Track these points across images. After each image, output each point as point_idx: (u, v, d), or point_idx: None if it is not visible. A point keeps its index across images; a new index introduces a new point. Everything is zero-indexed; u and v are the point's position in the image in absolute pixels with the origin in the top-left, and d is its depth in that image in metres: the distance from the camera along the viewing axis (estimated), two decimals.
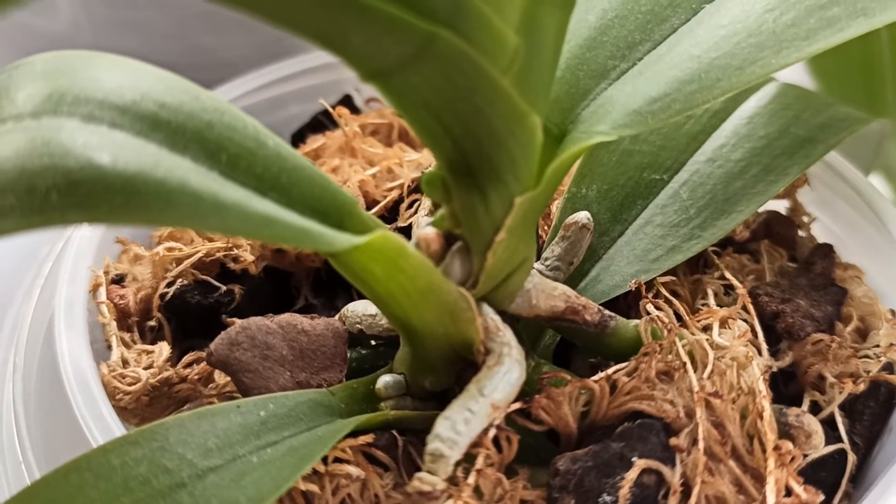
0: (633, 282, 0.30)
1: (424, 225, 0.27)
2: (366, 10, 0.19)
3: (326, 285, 0.34)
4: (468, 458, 0.25)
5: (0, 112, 0.22)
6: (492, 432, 0.25)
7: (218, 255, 0.31)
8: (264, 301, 0.32)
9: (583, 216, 0.30)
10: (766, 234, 0.36)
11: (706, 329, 0.29)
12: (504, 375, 0.25)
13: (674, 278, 0.32)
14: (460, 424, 0.24)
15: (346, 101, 0.42)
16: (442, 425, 0.24)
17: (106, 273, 0.31)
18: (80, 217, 0.20)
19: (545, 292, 0.27)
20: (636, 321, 0.28)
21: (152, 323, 0.31)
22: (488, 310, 0.27)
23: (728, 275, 0.32)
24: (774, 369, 0.29)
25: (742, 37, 0.27)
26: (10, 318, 0.31)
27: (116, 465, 0.24)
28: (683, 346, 0.27)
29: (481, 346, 0.26)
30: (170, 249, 0.31)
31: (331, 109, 0.37)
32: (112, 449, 0.25)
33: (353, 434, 0.26)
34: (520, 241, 0.26)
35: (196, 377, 0.29)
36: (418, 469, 0.27)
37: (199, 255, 0.31)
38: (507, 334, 0.26)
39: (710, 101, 0.26)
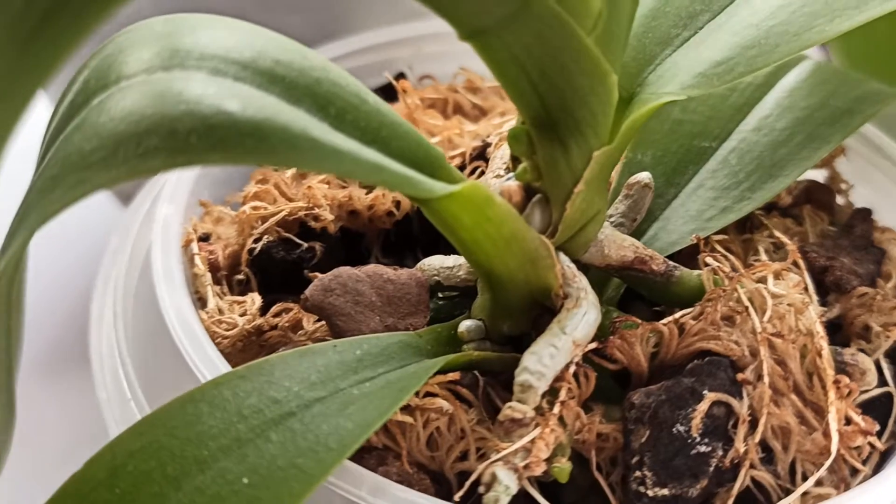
0: (693, 236, 0.32)
1: (504, 179, 0.29)
2: None
3: (394, 247, 0.36)
4: (551, 392, 0.27)
5: (128, 67, 0.24)
6: (572, 368, 0.27)
7: (300, 214, 0.33)
8: (339, 259, 0.34)
9: (645, 176, 0.32)
10: (806, 201, 0.38)
11: (760, 281, 0.31)
12: (583, 316, 0.27)
13: (726, 237, 0.34)
14: (546, 359, 0.26)
15: (400, 79, 0.44)
16: (530, 359, 0.27)
17: (194, 230, 0.33)
18: (218, 158, 0.22)
19: (616, 242, 0.29)
20: (698, 271, 0.30)
21: (240, 277, 0.33)
22: (564, 258, 0.29)
23: (777, 233, 0.34)
24: (824, 319, 0.31)
25: (797, 6, 0.29)
26: (102, 272, 0.33)
27: (229, 396, 0.26)
28: (744, 293, 0.29)
29: (560, 291, 0.28)
30: (255, 208, 0.33)
31: (394, 82, 0.39)
32: (223, 382, 0.27)
33: (441, 372, 0.28)
34: (595, 194, 0.28)
35: (286, 324, 0.31)
36: (497, 408, 0.30)
37: (283, 213, 0.33)
38: (582, 280, 0.28)
39: (770, 64, 0.28)
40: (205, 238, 0.34)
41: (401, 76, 0.44)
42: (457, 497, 0.26)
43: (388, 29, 0.45)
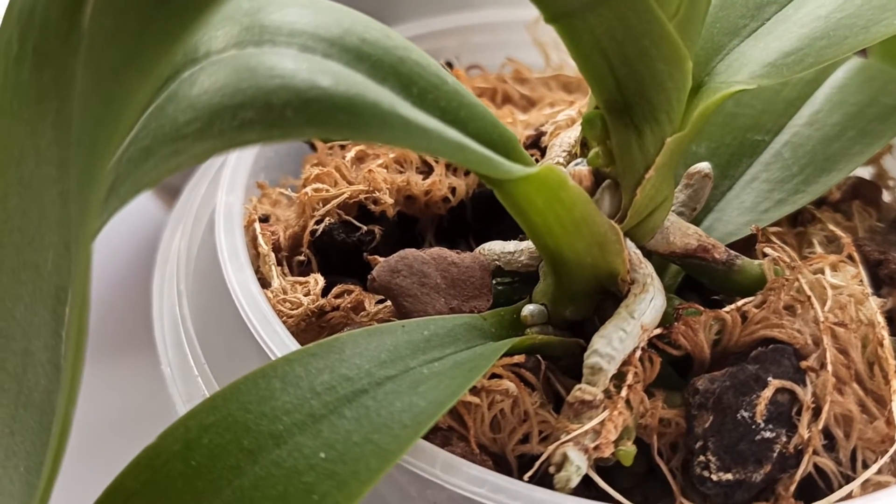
0: (753, 227, 0.32)
1: (572, 165, 0.29)
2: None
3: (447, 233, 0.37)
4: (617, 376, 0.27)
5: (217, 42, 0.25)
6: (638, 353, 0.28)
7: (360, 197, 0.33)
8: (395, 243, 0.34)
9: (705, 166, 0.32)
10: (853, 197, 0.38)
11: (818, 272, 0.31)
12: (651, 301, 0.28)
13: (780, 229, 0.34)
14: (616, 342, 0.27)
15: (447, 68, 0.44)
16: (600, 342, 0.27)
17: (254, 211, 0.33)
18: (313, 132, 0.23)
19: (680, 230, 0.30)
20: (759, 261, 0.31)
21: (300, 258, 0.33)
22: (631, 244, 0.29)
23: (832, 226, 0.34)
24: (883, 310, 0.32)
25: (863, 0, 0.29)
26: (161, 252, 0.34)
27: (301, 373, 0.26)
28: (805, 283, 0.30)
29: (627, 276, 0.28)
30: (317, 190, 0.33)
31: (448, 69, 0.40)
32: (295, 359, 0.27)
33: (506, 355, 0.29)
34: (663, 181, 0.28)
35: (348, 305, 0.31)
36: (557, 392, 0.30)
37: (344, 196, 0.33)
38: (648, 266, 0.29)
39: (840, 56, 0.28)
40: (264, 219, 0.34)
41: (448, 66, 0.44)
42: (525, 477, 0.26)
43: (436, 18, 0.45)
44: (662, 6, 0.25)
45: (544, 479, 0.27)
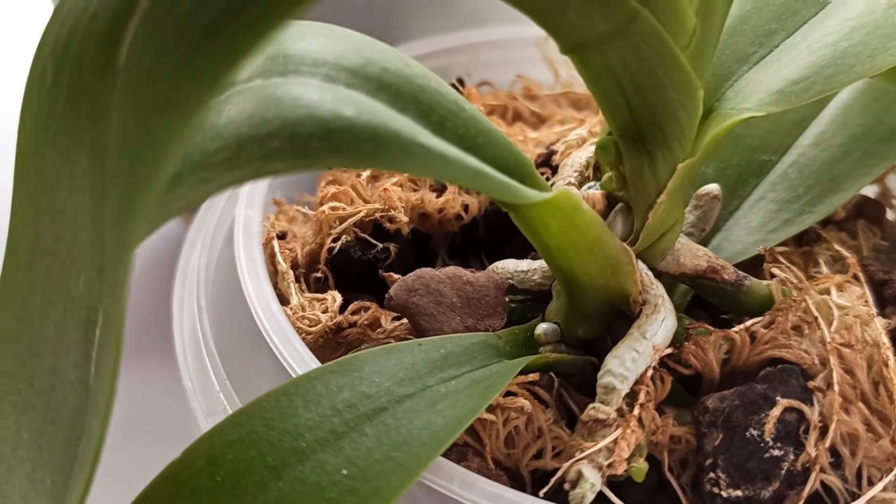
0: (760, 247, 0.33)
1: (586, 187, 0.30)
2: None
3: (460, 250, 0.37)
4: (629, 395, 0.28)
5: (242, 71, 0.25)
6: (650, 372, 0.28)
7: (376, 215, 0.34)
8: (409, 260, 0.35)
9: (714, 188, 0.33)
10: (858, 216, 0.39)
11: (824, 292, 0.32)
12: (662, 322, 0.28)
13: (787, 248, 0.35)
14: (628, 362, 0.27)
15: (458, 85, 0.45)
16: (613, 363, 0.28)
17: (272, 228, 0.34)
18: (338, 161, 0.23)
19: (691, 252, 0.30)
20: (767, 281, 0.31)
21: (317, 275, 0.34)
22: (642, 266, 0.30)
23: (837, 246, 0.35)
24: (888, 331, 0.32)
25: (870, 29, 0.30)
26: (181, 266, 0.34)
27: (322, 391, 0.27)
28: (812, 304, 0.30)
29: (639, 297, 0.29)
30: (333, 209, 0.34)
31: (459, 87, 0.40)
32: (316, 377, 0.27)
33: (520, 373, 0.29)
34: (674, 205, 0.29)
35: (365, 322, 0.32)
36: (569, 409, 0.31)
37: (361, 214, 0.34)
38: (660, 287, 0.29)
39: (846, 84, 0.29)
40: (282, 236, 0.35)
41: (459, 83, 0.45)
42: (541, 493, 0.27)
43: (446, 35, 0.46)
44: (675, 39, 0.25)
45: (558, 495, 0.28)
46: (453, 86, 0.45)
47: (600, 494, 0.28)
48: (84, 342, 0.24)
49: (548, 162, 0.37)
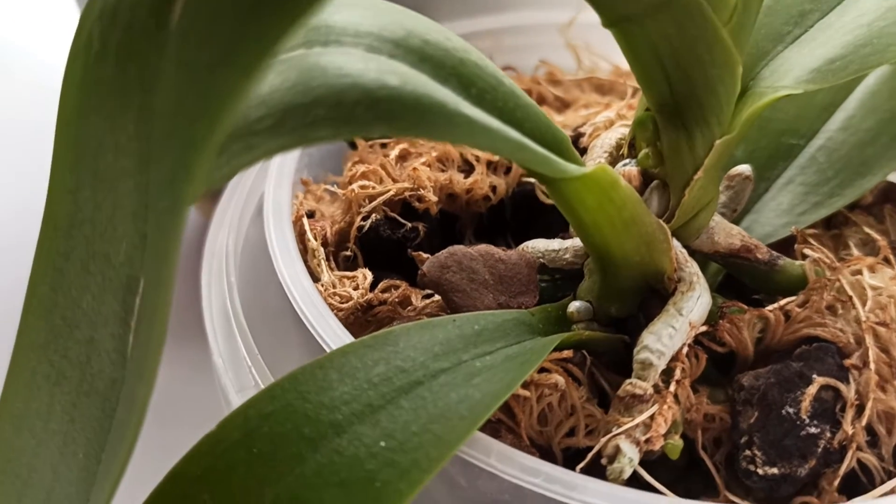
0: (793, 228, 0.33)
1: (622, 165, 0.30)
2: None
3: (487, 231, 0.37)
4: (665, 372, 0.28)
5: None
6: (685, 349, 0.28)
7: (405, 194, 0.34)
8: (437, 240, 0.35)
9: (745, 168, 0.33)
10: (884, 202, 0.39)
11: (856, 273, 0.32)
12: (698, 299, 0.28)
13: (816, 231, 0.35)
14: (665, 338, 0.27)
15: None
16: (650, 339, 0.27)
17: (301, 206, 0.34)
18: (381, 129, 0.23)
19: (725, 230, 0.30)
20: (800, 262, 0.31)
21: (346, 253, 0.34)
22: (677, 243, 0.30)
23: (867, 229, 0.35)
24: None
25: None
26: (208, 245, 0.34)
27: (357, 365, 0.27)
28: (846, 283, 0.30)
29: (674, 275, 0.29)
30: (363, 187, 0.34)
31: None
32: (350, 351, 0.27)
33: (553, 350, 0.29)
34: (710, 182, 0.29)
35: (395, 300, 0.31)
36: (601, 387, 0.30)
37: (390, 193, 0.33)
38: (694, 265, 0.29)
39: (883, 63, 0.29)
40: (310, 215, 0.34)
41: None
42: (577, 469, 0.27)
43: (469, 20, 0.46)
44: (717, 13, 0.25)
45: (593, 471, 0.27)
46: None
47: (633, 475, 0.28)
48: (123, 311, 0.24)
49: (575, 144, 0.37)
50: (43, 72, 0.71)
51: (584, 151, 0.36)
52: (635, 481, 0.28)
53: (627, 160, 0.30)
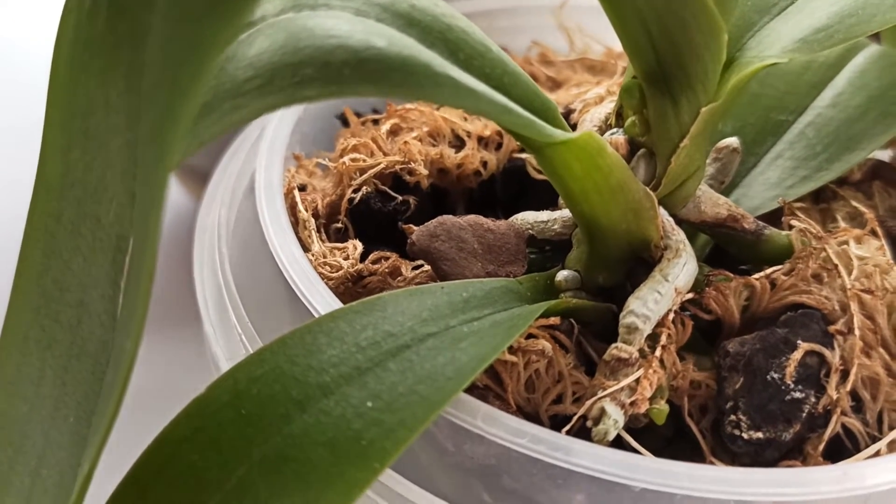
0: (780, 199, 0.33)
1: (609, 134, 0.30)
2: None
3: (477, 205, 0.38)
4: (651, 338, 0.28)
5: (273, 6, 0.25)
6: (671, 315, 0.28)
7: (395, 168, 0.34)
8: (428, 214, 0.35)
9: (733, 140, 0.33)
10: (873, 178, 0.39)
11: (842, 244, 0.32)
12: (684, 266, 0.29)
13: (804, 205, 0.35)
14: (651, 303, 0.28)
15: None
16: (636, 303, 0.28)
17: (293, 180, 0.34)
18: (368, 90, 0.23)
19: (711, 200, 0.31)
20: (787, 232, 0.32)
21: (337, 225, 0.34)
22: (664, 212, 0.30)
23: (854, 203, 0.35)
24: None
25: None
26: (200, 218, 0.35)
27: (346, 329, 0.27)
28: (832, 252, 0.30)
29: (660, 243, 0.29)
30: (354, 160, 0.34)
31: None
32: (339, 316, 0.28)
33: (541, 317, 0.29)
34: (697, 150, 0.29)
35: (385, 270, 0.32)
36: (588, 356, 0.31)
37: (381, 166, 0.34)
38: (681, 233, 0.30)
39: (867, 33, 0.29)
40: (302, 188, 0.35)
41: None
42: (563, 431, 0.27)
43: (463, 2, 0.46)
44: None
45: (579, 436, 0.28)
46: None
47: (619, 442, 0.28)
48: (113, 271, 0.25)
49: (566, 120, 0.37)
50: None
51: (574, 127, 0.37)
52: (622, 448, 0.28)
53: (615, 129, 0.30)
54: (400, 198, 0.34)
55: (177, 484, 0.25)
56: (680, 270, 0.28)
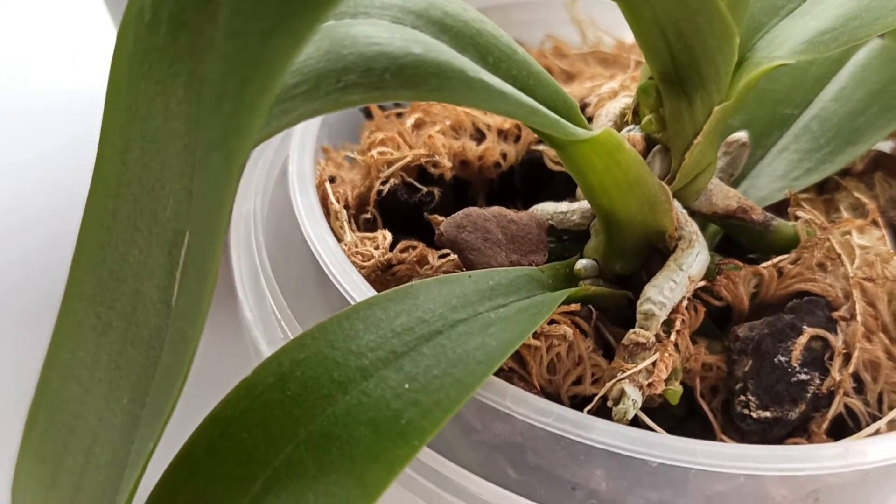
0: (786, 191, 0.35)
1: (626, 130, 0.32)
2: None
3: (497, 196, 0.39)
4: (666, 323, 0.30)
5: None
6: (685, 302, 0.30)
7: (421, 160, 0.36)
8: (450, 205, 0.37)
9: (742, 135, 0.35)
10: (875, 170, 0.41)
11: (845, 234, 0.34)
12: (697, 255, 0.30)
13: (809, 196, 0.37)
14: (667, 291, 0.30)
15: None
16: (652, 291, 0.30)
17: (323, 172, 0.36)
18: (407, 95, 0.25)
19: (722, 192, 0.32)
20: (793, 222, 0.33)
21: (366, 216, 0.36)
22: (678, 204, 0.32)
23: (857, 194, 0.37)
24: None
25: None
26: (236, 212, 0.36)
27: (381, 316, 0.29)
28: (836, 242, 0.32)
29: (674, 233, 0.31)
30: (382, 153, 0.36)
31: None
32: (374, 304, 0.29)
33: (562, 303, 0.31)
34: (709, 146, 0.31)
35: (413, 259, 0.33)
36: (605, 340, 0.33)
37: (407, 159, 0.36)
38: (694, 225, 0.31)
39: (872, 35, 0.31)
40: (332, 180, 0.36)
41: None
42: (585, 411, 0.29)
43: None
44: None
45: (599, 415, 0.30)
46: None
47: (634, 420, 0.30)
48: (168, 263, 0.26)
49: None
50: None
51: (589, 120, 0.38)
52: (638, 427, 0.30)
53: (632, 126, 0.32)
54: (425, 189, 0.36)
55: (227, 461, 0.27)
56: (693, 260, 0.30)
